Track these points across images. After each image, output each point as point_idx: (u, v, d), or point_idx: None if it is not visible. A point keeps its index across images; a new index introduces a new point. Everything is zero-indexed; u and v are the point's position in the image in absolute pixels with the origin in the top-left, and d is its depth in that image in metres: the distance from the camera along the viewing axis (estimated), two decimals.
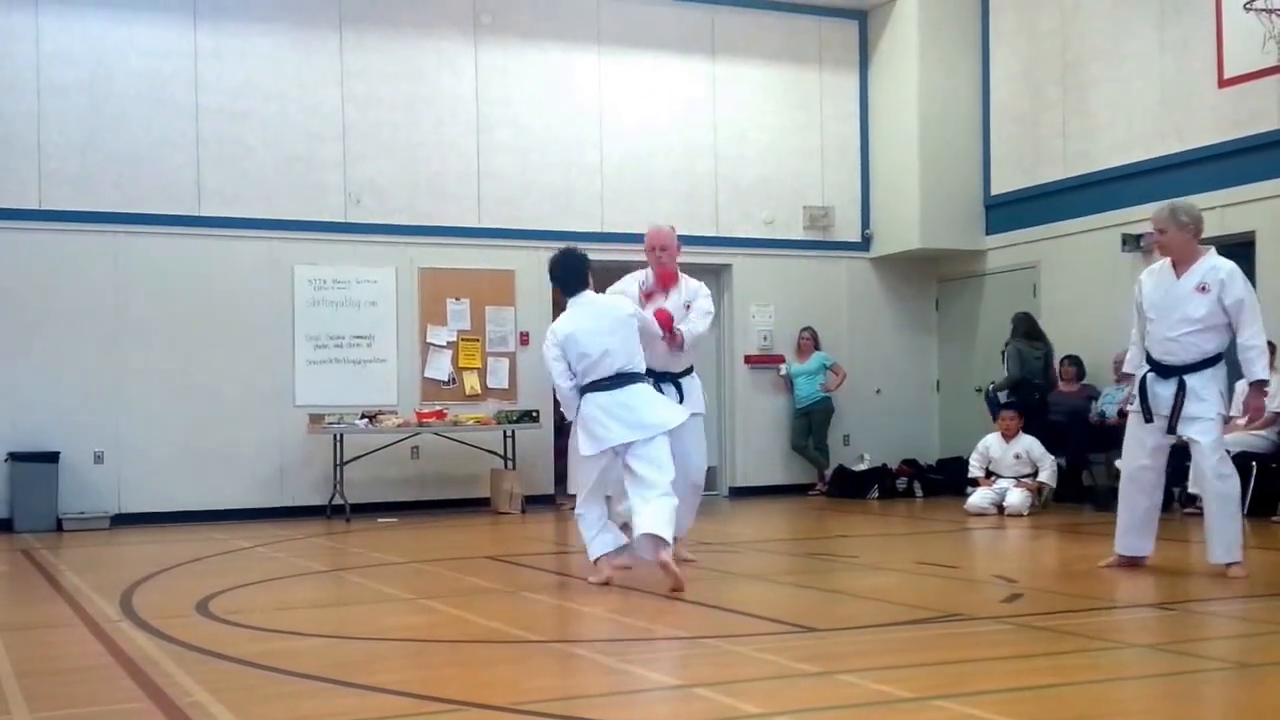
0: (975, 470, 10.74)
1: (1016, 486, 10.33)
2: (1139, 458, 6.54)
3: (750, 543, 9.07)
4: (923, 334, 13.60)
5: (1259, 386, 6.43)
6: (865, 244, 13.48)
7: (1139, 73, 11.26)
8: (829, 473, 12.81)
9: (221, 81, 11.31)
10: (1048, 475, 10.43)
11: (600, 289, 6.78)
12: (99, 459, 10.79)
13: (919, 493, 12.46)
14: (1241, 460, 9.41)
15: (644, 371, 6.46)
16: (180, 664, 4.65)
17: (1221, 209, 10.40)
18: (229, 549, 8.75)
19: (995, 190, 12.88)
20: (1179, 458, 9.62)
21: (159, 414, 10.96)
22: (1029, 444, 10.55)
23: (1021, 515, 10.02)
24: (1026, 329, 11.58)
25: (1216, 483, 6.34)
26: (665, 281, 7.21)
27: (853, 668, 4.38)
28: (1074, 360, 11.37)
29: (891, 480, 12.51)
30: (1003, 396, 11.30)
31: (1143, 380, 6.49)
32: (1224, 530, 6.35)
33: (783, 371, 13.11)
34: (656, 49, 12.77)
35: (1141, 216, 10.78)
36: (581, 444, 6.31)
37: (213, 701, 4.04)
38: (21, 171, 10.69)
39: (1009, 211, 12.72)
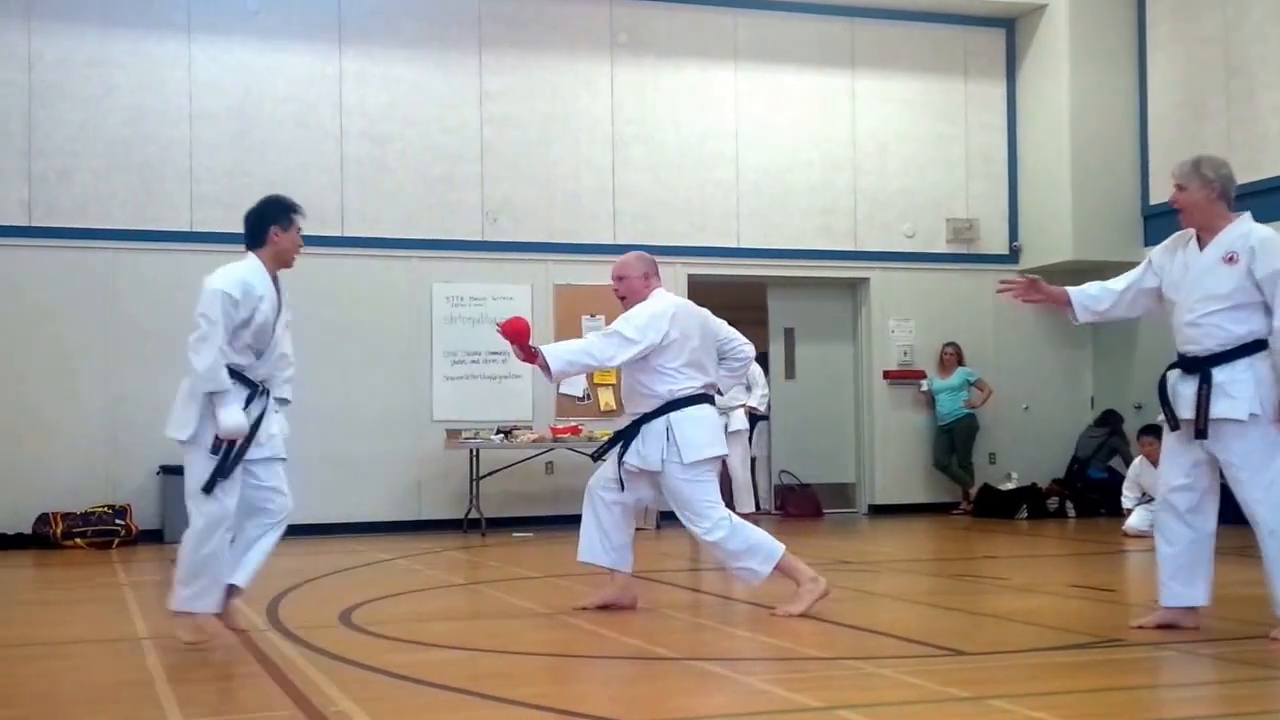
0: (1129, 501, 10.31)
1: None
2: (1175, 476, 5.24)
3: (891, 562, 8.85)
4: (1076, 349, 13.14)
5: None
6: (1014, 256, 13.11)
7: None
8: (973, 491, 12.46)
9: (364, 105, 11.56)
10: None
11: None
12: None
13: (1071, 513, 12.02)
14: None
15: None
16: (325, 673, 4.68)
17: None
18: (369, 561, 8.87)
19: (1155, 200, 12.39)
20: None
21: (302, 428, 11.03)
22: None
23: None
24: None
25: (1265, 512, 5.04)
26: None
27: (1005, 693, 4.18)
28: None
29: (1041, 500, 12.10)
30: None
31: (1163, 379, 5.37)
32: None
33: (924, 387, 12.82)
34: (795, 63, 12.64)
35: None
36: None
37: (357, 710, 4.05)
38: (174, 196, 11.07)
39: (1170, 222, 11.96)
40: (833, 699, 4.12)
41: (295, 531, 10.89)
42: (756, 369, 11.55)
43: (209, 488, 5.19)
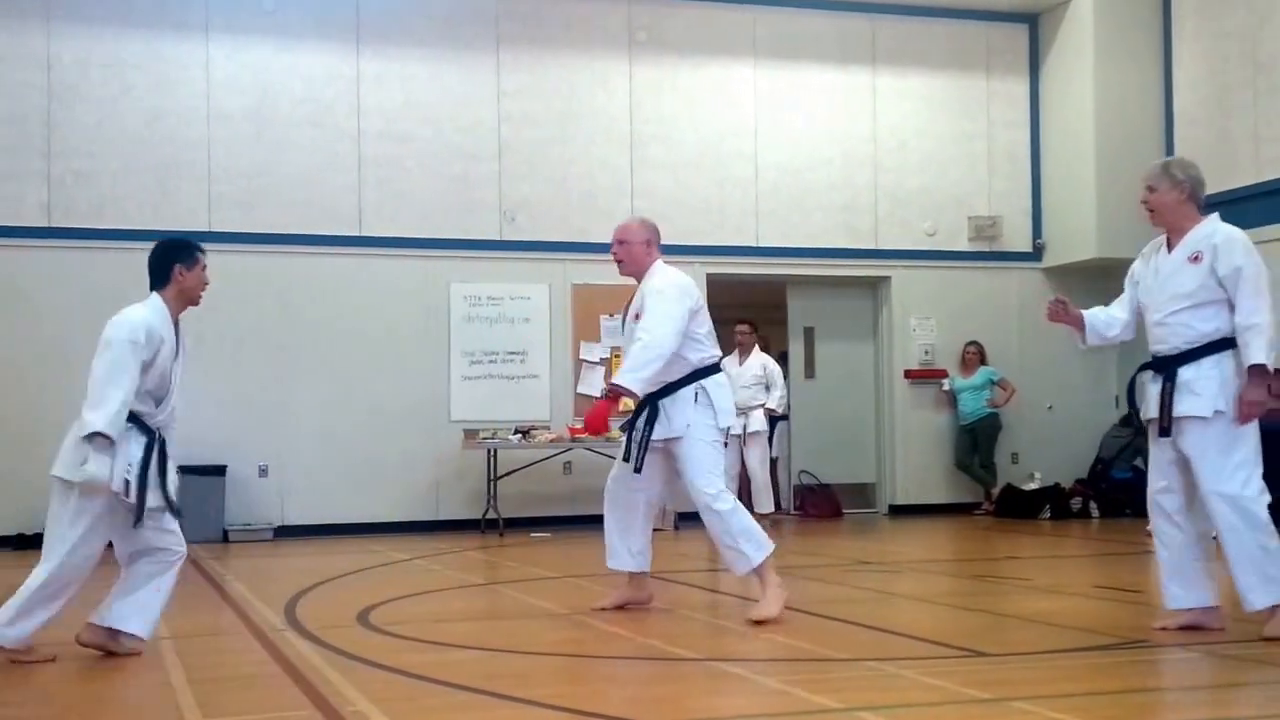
0: None
1: None
2: (1157, 479, 5.31)
3: (911, 563, 8.77)
4: (1101, 348, 13.00)
5: (1257, 372, 5.03)
6: (1037, 254, 13.01)
7: None
8: (996, 492, 12.37)
9: (382, 105, 11.55)
10: None
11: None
12: (263, 472, 11.08)
13: (1095, 513, 11.92)
14: None
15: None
16: (342, 673, 4.67)
17: None
18: (387, 561, 8.85)
19: None
20: None
21: (320, 429, 11.20)
22: None
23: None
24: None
25: (1225, 508, 5.06)
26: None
27: (1027, 695, 4.13)
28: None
29: (1065, 500, 11.99)
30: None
31: (1133, 380, 5.51)
32: (1253, 568, 5.04)
33: (946, 386, 12.73)
34: (815, 60, 12.57)
35: None
36: None
37: (375, 710, 4.03)
38: (192, 196, 11.07)
39: None
40: (853, 700, 4.07)
41: (312, 531, 11.01)
42: (775, 369, 11.49)
43: (139, 519, 5.10)
